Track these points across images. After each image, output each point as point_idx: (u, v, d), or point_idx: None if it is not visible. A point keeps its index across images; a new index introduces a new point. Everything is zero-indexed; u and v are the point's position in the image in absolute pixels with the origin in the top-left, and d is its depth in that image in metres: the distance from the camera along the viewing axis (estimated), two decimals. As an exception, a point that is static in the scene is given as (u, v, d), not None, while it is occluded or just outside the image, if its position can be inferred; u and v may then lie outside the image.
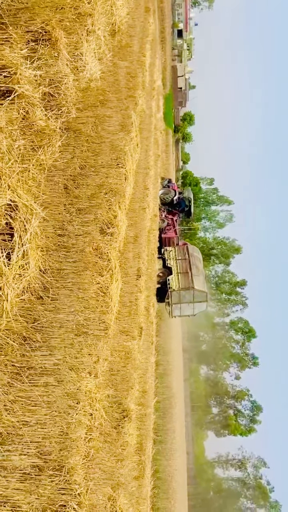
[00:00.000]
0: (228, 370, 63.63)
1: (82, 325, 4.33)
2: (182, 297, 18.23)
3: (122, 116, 7.46)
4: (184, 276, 18.60)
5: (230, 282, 70.17)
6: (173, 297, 18.07)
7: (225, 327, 66.34)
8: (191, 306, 18.61)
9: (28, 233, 2.34)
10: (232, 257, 72.47)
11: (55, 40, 3.38)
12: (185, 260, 19.29)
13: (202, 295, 18.51)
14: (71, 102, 3.85)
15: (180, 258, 19.38)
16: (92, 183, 4.83)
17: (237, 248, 72.51)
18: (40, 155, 2.95)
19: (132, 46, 9.73)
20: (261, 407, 63.33)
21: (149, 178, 12.60)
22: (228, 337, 65.11)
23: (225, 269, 72.63)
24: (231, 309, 67.76)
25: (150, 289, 11.92)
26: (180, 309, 18.51)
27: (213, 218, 74.14)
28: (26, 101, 2.67)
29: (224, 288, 68.18)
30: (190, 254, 19.77)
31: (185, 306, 18.55)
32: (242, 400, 64.29)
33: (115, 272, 5.61)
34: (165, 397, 14.20)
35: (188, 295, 18.23)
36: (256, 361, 62.61)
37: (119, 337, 6.92)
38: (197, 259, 20.18)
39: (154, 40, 17.12)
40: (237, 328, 64.12)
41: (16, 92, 2.47)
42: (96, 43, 5.09)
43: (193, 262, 19.35)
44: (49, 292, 3.30)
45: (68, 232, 3.94)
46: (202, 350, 64.03)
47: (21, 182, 2.42)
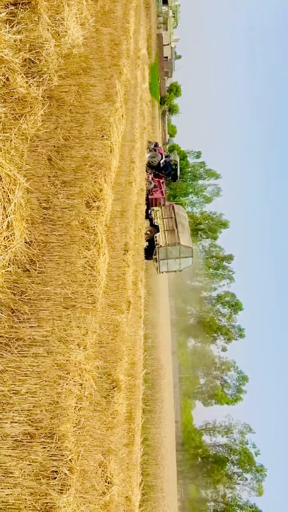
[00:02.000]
0: (215, 343, 65.10)
1: (70, 298, 4.35)
2: (169, 253, 19.21)
3: (106, 85, 7.26)
4: (171, 233, 19.49)
5: (217, 257, 70.75)
6: (160, 253, 18.97)
7: (212, 301, 67.35)
8: (178, 262, 19.64)
9: (12, 203, 2.30)
10: (219, 232, 72.79)
11: (35, 3, 3.24)
12: (171, 219, 20.14)
13: (187, 250, 19.42)
14: (53, 69, 3.74)
15: (167, 217, 20.23)
16: (76, 155, 4.75)
17: (224, 222, 72.71)
18: (22, 124, 2.87)
19: (116, 12, 9.37)
20: (247, 377, 65.32)
21: (135, 151, 12.41)
22: (215, 310, 66.22)
23: (212, 244, 73.07)
24: (218, 284, 68.67)
25: (137, 263, 11.95)
26: (167, 264, 19.56)
27: (200, 193, 73.90)
28: (6, 66, 2.58)
29: (211, 262, 68.79)
30: (176, 213, 20.70)
31: (172, 262, 19.60)
32: (228, 371, 66.10)
33: (102, 246, 5.60)
34: (153, 369, 14.52)
35: (174, 250, 19.19)
36: (242, 333, 64.04)
37: (107, 310, 6.98)
38: (182, 218, 21.18)
39: (138, 6, 16.50)
40: (224, 302, 65.17)
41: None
42: (78, 7, 4.89)
43: (179, 220, 20.24)
44: (36, 265, 3.29)
45: (54, 205, 3.89)
46: (190, 323, 65.17)
47: (3, 151, 2.36)
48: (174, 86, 58.30)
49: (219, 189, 75.16)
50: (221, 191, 75.54)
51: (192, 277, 68.83)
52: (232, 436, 65.06)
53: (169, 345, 35.08)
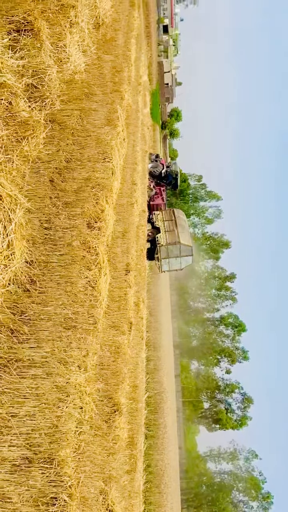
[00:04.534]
0: (218, 365, 64.07)
1: (70, 318, 4.32)
2: (170, 252, 20.07)
3: (108, 110, 7.42)
4: (171, 233, 20.48)
5: (219, 277, 70.57)
6: (161, 252, 19.85)
7: (215, 322, 66.71)
8: (178, 261, 20.51)
9: (13, 223, 2.32)
10: (221, 252, 72.90)
11: (38, 30, 3.35)
12: (172, 221, 21.22)
13: (188, 249, 20.27)
14: (55, 93, 3.83)
15: (167, 219, 21.30)
16: (78, 177, 4.81)
17: (226, 242, 72.93)
18: (24, 146, 2.93)
19: (117, 40, 9.67)
20: (252, 399, 64.01)
21: (137, 173, 12.57)
22: (218, 332, 65.52)
23: (215, 265, 73.04)
24: (221, 305, 68.20)
25: (139, 284, 11.92)
26: (169, 263, 20.39)
27: (201, 214, 74.40)
28: (9, 91, 2.64)
29: (214, 283, 68.55)
30: (176, 216, 21.62)
31: (173, 261, 20.46)
32: (232, 393, 64.83)
33: (104, 266, 5.60)
34: (156, 392, 14.24)
35: (175, 249, 20.07)
36: (246, 355, 63.13)
37: (109, 331, 6.92)
38: (182, 220, 22.17)
39: (139, 35, 17.04)
40: (227, 323, 64.56)
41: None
42: (80, 35, 5.05)
43: (179, 222, 21.14)
44: (36, 285, 3.28)
45: (55, 225, 3.92)
46: (193, 345, 64.36)
47: (5, 172, 2.40)
48: (175, 112, 59.56)
49: (220, 210, 75.72)
50: (222, 212, 76.07)
51: (195, 298, 68.48)
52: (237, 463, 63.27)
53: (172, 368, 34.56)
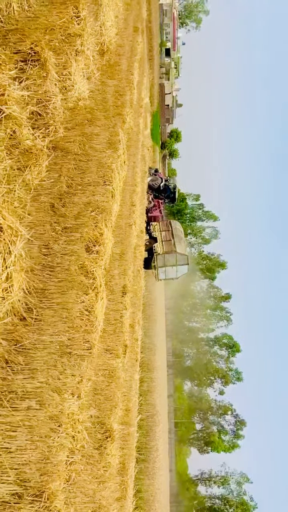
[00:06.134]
0: (212, 386, 63.34)
1: (65, 345, 4.26)
2: (167, 260, 20.85)
3: (109, 133, 7.51)
4: (168, 243, 21.25)
5: (215, 297, 70.46)
6: (158, 261, 20.59)
7: (209, 342, 66.25)
8: (175, 269, 21.24)
9: (13, 255, 2.30)
10: (217, 272, 72.95)
11: (44, 61, 3.40)
12: (168, 231, 21.99)
13: (183, 258, 21.07)
14: (59, 121, 3.87)
15: (164, 230, 22.09)
16: (78, 202, 4.82)
17: (222, 263, 73.08)
18: (26, 175, 2.93)
19: (121, 65, 9.86)
20: (245, 422, 63.11)
21: (136, 195, 12.65)
22: (212, 352, 64.99)
23: (210, 284, 73.00)
24: (216, 325, 67.88)
25: (135, 305, 11.86)
26: (165, 272, 21.14)
27: (198, 234, 74.76)
28: (14, 121, 2.67)
29: (209, 303, 68.38)
30: (172, 226, 22.39)
31: (169, 269, 21.18)
32: (225, 415, 63.93)
33: (100, 291, 5.57)
34: (148, 415, 14.00)
35: (171, 258, 20.86)
36: (240, 376, 62.54)
37: (103, 355, 6.83)
38: (178, 231, 23.01)
39: (142, 58, 17.42)
40: (221, 344, 64.13)
41: (3, 113, 2.46)
42: (85, 62, 5.15)
43: (175, 233, 21.84)
44: (33, 312, 3.24)
45: (54, 251, 3.90)
46: (187, 365, 63.72)
47: (7, 203, 2.39)
48: (175, 132, 60.48)
49: (217, 231, 76.15)
50: (219, 233, 76.50)
51: (190, 317, 68.17)
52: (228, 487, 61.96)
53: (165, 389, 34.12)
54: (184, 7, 75.77)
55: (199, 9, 74.60)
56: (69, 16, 4.45)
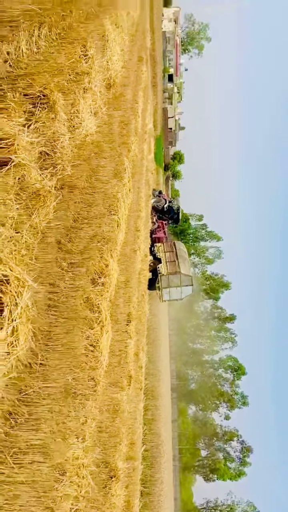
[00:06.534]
0: (217, 410, 61.98)
1: (70, 386, 4.14)
2: (171, 281, 20.77)
3: (115, 163, 7.55)
4: (172, 264, 21.27)
5: (219, 318, 69.79)
6: (162, 282, 20.50)
7: (214, 365, 65.21)
8: (179, 290, 21.10)
9: (19, 307, 2.23)
10: (221, 292, 72.48)
11: (53, 103, 3.41)
12: (172, 252, 22.05)
13: (188, 279, 21.10)
14: (67, 160, 3.85)
15: (168, 251, 22.20)
16: (85, 236, 4.78)
17: (226, 283, 72.69)
18: (34, 219, 2.89)
19: (126, 95, 10.02)
20: (251, 448, 61.45)
21: (141, 220, 12.67)
22: (217, 375, 63.88)
23: (214, 305, 72.42)
24: (220, 346, 66.97)
25: (139, 331, 11.69)
26: (169, 293, 20.96)
27: (202, 254, 74.69)
28: (23, 168, 2.64)
29: (213, 324, 67.69)
30: (176, 247, 22.54)
31: (174, 290, 21.02)
32: (231, 441, 62.33)
33: (106, 324, 5.46)
34: (153, 445, 13.60)
35: (175, 279, 20.81)
36: (245, 400, 61.25)
37: (108, 389, 6.66)
38: (182, 252, 23.15)
39: (146, 86, 17.77)
40: (226, 366, 63.10)
41: (13, 162, 2.43)
42: (92, 98, 5.19)
43: (179, 253, 21.90)
44: (38, 357, 3.15)
45: (59, 289, 3.83)
46: (191, 389, 62.54)
47: (14, 253, 2.34)
48: (178, 154, 61.26)
49: (220, 251, 76.08)
50: (223, 253, 76.43)
51: (194, 338, 67.35)
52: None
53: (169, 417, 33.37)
54: (186, 34, 77.88)
55: (201, 36, 76.63)
56: (77, 55, 4.51)
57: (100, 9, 6.79)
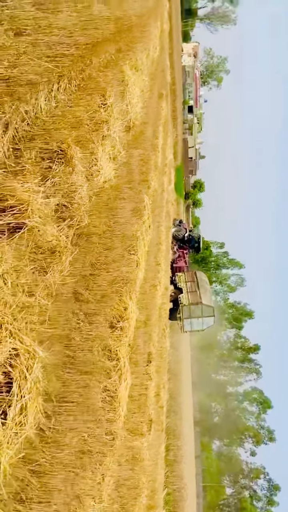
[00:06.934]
0: (242, 446, 59.33)
1: (86, 443, 3.94)
2: (192, 312, 20.51)
3: (135, 202, 7.52)
4: (193, 294, 21.04)
5: (242, 348, 67.91)
6: (184, 312, 20.22)
7: (238, 397, 62.95)
8: (200, 321, 20.84)
9: (29, 382, 2.11)
10: (244, 321, 70.87)
11: (70, 157, 3.39)
12: (194, 282, 21.93)
13: (209, 310, 20.84)
14: (84, 210, 3.80)
15: (189, 281, 22.08)
16: (103, 282, 4.68)
17: (249, 312, 71.13)
18: (48, 279, 2.81)
19: (146, 133, 10.14)
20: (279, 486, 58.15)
21: (161, 253, 12.57)
22: (241, 408, 61.52)
23: (237, 334, 70.71)
24: (245, 378, 64.84)
25: (160, 369, 11.36)
26: (191, 323, 20.70)
27: (224, 282, 73.69)
28: (37, 230, 2.58)
29: (236, 354, 65.84)
30: (198, 277, 22.38)
31: (195, 321, 20.76)
32: (257, 479, 59.28)
33: (124, 372, 5.27)
34: (175, 488, 12.95)
35: (197, 309, 20.55)
36: (272, 435, 58.48)
37: (126, 438, 6.37)
38: (204, 282, 23.01)
39: (166, 121, 18.08)
40: (251, 399, 60.81)
41: (26, 227, 2.37)
42: (111, 144, 5.21)
43: (201, 284, 21.97)
44: (51, 420, 2.99)
45: (75, 343, 3.70)
46: (215, 422, 60.30)
47: (25, 321, 2.24)
48: (198, 183, 61.67)
49: (243, 279, 74.92)
50: (245, 281, 75.20)
51: (217, 369, 65.51)
52: None
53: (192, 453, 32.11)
54: (205, 68, 79.90)
55: (220, 69, 78.48)
56: (96, 105, 4.54)
57: (120, 55, 6.96)
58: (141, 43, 9.21)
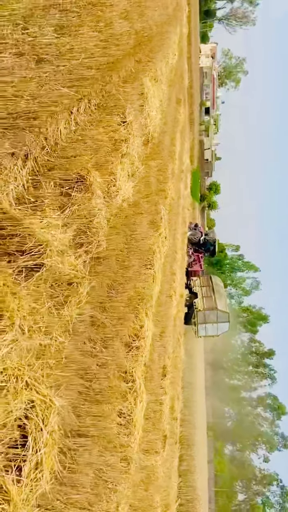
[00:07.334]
0: (255, 452, 58.62)
1: (100, 471, 3.85)
2: (207, 317, 20.47)
3: (152, 215, 7.42)
4: (208, 299, 20.97)
5: (257, 353, 67.13)
6: (199, 317, 20.15)
7: (252, 402, 62.22)
8: (215, 327, 20.82)
9: (45, 434, 2.01)
10: (259, 325, 70.08)
11: (90, 184, 3.30)
12: (209, 287, 21.89)
13: (224, 316, 20.74)
14: (103, 234, 3.70)
15: (205, 285, 22.02)
16: (120, 304, 4.58)
17: (264, 316, 70.29)
18: (65, 314, 2.71)
19: (164, 142, 10.02)
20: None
21: (176, 262, 12.43)
22: (255, 414, 60.80)
23: (252, 338, 69.94)
24: (259, 383, 64.06)
25: (175, 380, 11.21)
26: (205, 329, 20.67)
27: (239, 285, 72.99)
28: (55, 267, 2.49)
29: (251, 359, 65.10)
30: (213, 282, 22.37)
31: (210, 326, 20.77)
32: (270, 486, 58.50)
33: (140, 393, 5.17)
34: (188, 499, 12.79)
35: (212, 315, 20.51)
36: (286, 442, 57.63)
37: (140, 457, 6.26)
38: (219, 286, 23.02)
39: (184, 126, 17.94)
40: (265, 405, 60.04)
41: (45, 267, 2.28)
42: (130, 161, 5.11)
43: (216, 288, 21.75)
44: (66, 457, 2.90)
45: (92, 372, 3.60)
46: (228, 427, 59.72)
47: (41, 367, 2.15)
48: (214, 185, 61.20)
49: (258, 282, 74.10)
50: (260, 284, 74.34)
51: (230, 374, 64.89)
52: None
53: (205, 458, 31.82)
54: (223, 68, 79.27)
55: (238, 69, 77.77)
56: (116, 123, 4.45)
57: (140, 66, 6.86)
58: (161, 52, 9.10)
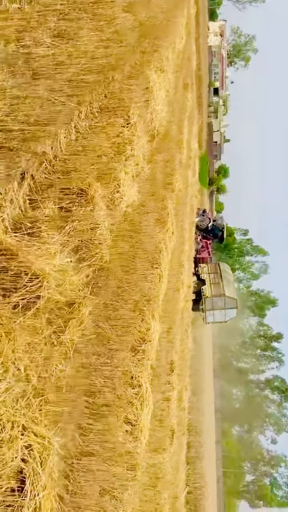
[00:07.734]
0: (263, 433, 59.37)
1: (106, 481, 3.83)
2: (215, 304, 20.61)
3: (158, 212, 7.24)
4: (216, 286, 21.08)
5: (265, 336, 67.24)
6: (206, 304, 20.32)
7: (260, 385, 62.69)
8: (223, 313, 20.93)
9: (43, 479, 1.95)
10: (267, 309, 69.98)
11: (91, 197, 3.17)
12: (217, 274, 21.93)
13: (232, 302, 20.83)
14: (105, 246, 3.58)
15: (213, 272, 22.12)
16: (125, 312, 4.49)
17: (273, 300, 70.09)
18: (66, 339, 2.63)
19: (171, 132, 9.74)
20: (300, 475, 58.14)
21: (184, 254, 12.27)
22: (263, 396, 61.32)
23: (260, 322, 69.96)
24: (267, 366, 64.36)
25: (182, 372, 11.21)
26: (213, 315, 20.87)
27: (247, 269, 72.63)
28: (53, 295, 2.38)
29: (258, 343, 65.28)
30: (221, 269, 22.40)
31: (217, 313, 20.89)
32: (278, 467, 59.42)
33: (146, 398, 5.12)
34: (196, 486, 12.97)
35: (220, 301, 20.61)
36: (293, 425, 58.28)
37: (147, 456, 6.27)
38: (227, 273, 23.16)
39: (192, 112, 17.45)
40: (273, 387, 60.44)
41: (42, 299, 2.18)
42: (135, 162, 4.93)
43: (224, 275, 21.79)
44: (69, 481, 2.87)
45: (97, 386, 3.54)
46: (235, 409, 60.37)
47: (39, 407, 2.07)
48: (222, 169, 60.28)
49: (267, 266, 73.64)
50: (269, 268, 73.89)
51: (238, 357, 65.25)
52: None
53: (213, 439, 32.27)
54: (232, 47, 77.05)
55: (247, 47, 75.57)
56: (119, 125, 4.27)
57: (144, 57, 6.57)
58: (167, 39, 8.75)
